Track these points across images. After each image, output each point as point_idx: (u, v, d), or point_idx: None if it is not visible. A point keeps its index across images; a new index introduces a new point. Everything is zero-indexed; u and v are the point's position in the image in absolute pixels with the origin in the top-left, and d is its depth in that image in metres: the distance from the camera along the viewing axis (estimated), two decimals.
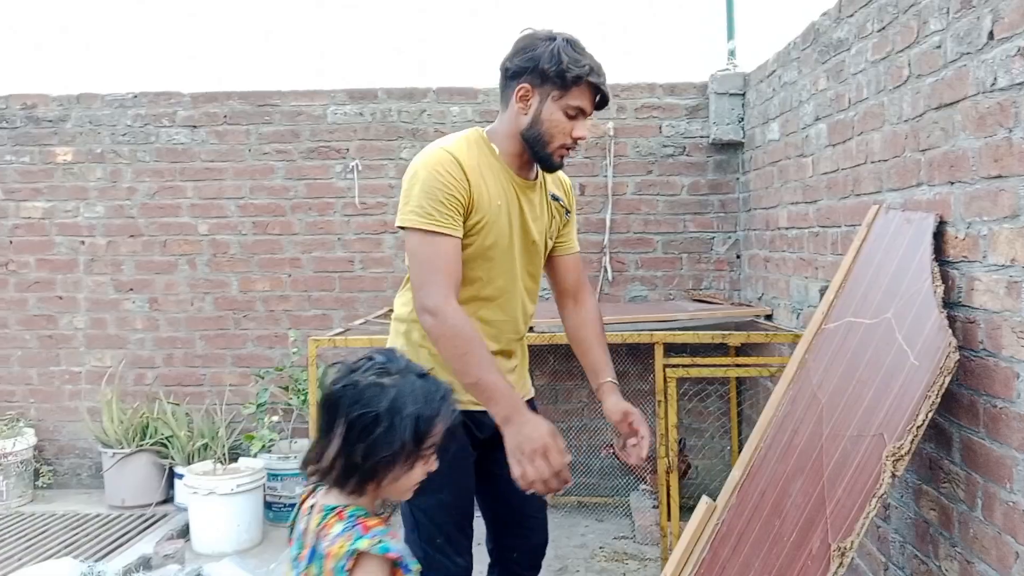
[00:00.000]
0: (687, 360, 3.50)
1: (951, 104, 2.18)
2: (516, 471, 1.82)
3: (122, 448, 4.42)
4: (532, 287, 2.23)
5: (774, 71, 3.78)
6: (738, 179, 4.53)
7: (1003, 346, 1.95)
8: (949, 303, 2.20)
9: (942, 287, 2.14)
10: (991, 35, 1.99)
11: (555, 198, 2.21)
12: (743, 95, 4.34)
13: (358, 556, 1.39)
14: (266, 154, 4.70)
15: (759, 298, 4.15)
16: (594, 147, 4.59)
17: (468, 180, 1.98)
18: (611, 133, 4.55)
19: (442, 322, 1.89)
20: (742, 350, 4.09)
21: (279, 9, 5.30)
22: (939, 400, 2.03)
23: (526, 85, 2.00)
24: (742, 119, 4.36)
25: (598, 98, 2.03)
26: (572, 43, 2.00)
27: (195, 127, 4.70)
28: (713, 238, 4.60)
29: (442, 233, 1.94)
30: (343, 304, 4.70)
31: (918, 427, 2.00)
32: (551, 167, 2.10)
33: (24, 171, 4.76)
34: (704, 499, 2.29)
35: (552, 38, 1.99)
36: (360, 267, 4.69)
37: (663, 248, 4.62)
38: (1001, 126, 1.95)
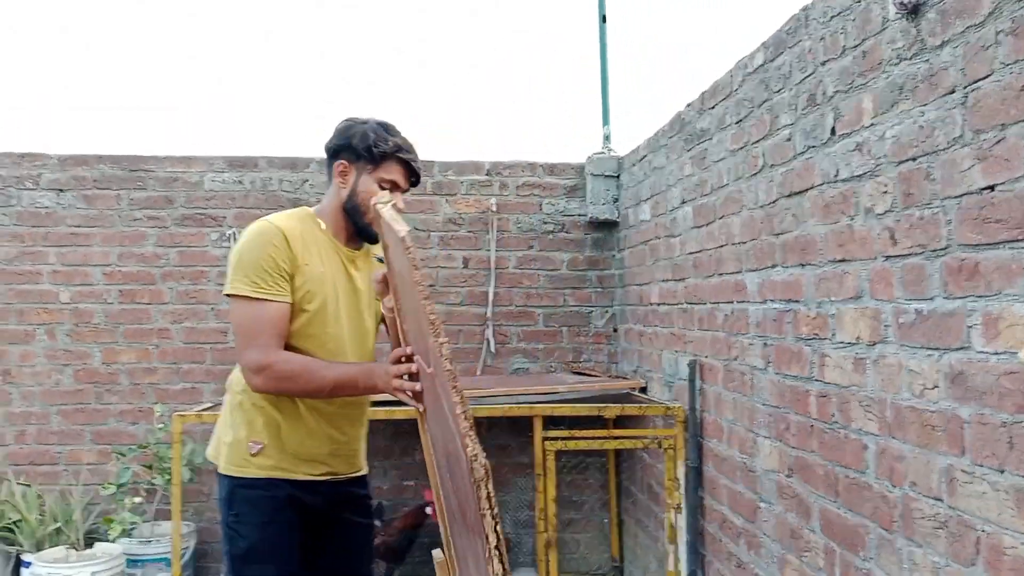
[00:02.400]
0: (565, 433, 3.54)
1: (800, 192, 2.36)
2: (402, 397, 2.02)
3: None
4: (362, 350, 2.29)
5: (645, 156, 3.99)
6: (614, 256, 4.69)
7: (852, 419, 2.08)
8: (804, 378, 2.33)
9: None
10: (833, 131, 2.18)
11: (380, 260, 2.30)
12: (617, 177, 4.54)
13: None
14: (137, 220, 4.53)
15: (635, 371, 4.27)
16: (478, 222, 4.67)
17: (291, 249, 2.12)
18: (494, 209, 4.65)
19: (273, 372, 2.06)
20: (619, 422, 4.17)
21: (158, 69, 5.19)
22: None
23: (344, 161, 2.24)
24: (616, 200, 4.55)
25: (412, 176, 2.28)
26: (384, 125, 2.25)
27: (61, 190, 4.50)
28: (592, 312, 4.73)
29: (267, 300, 2.08)
30: (215, 377, 4.52)
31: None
32: (370, 237, 2.26)
33: None
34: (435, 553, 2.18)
35: (366, 121, 2.25)
36: (234, 338, 4.54)
37: (544, 321, 4.71)
38: (844, 214, 2.12)
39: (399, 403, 3.56)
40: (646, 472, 4.06)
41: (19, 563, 4.09)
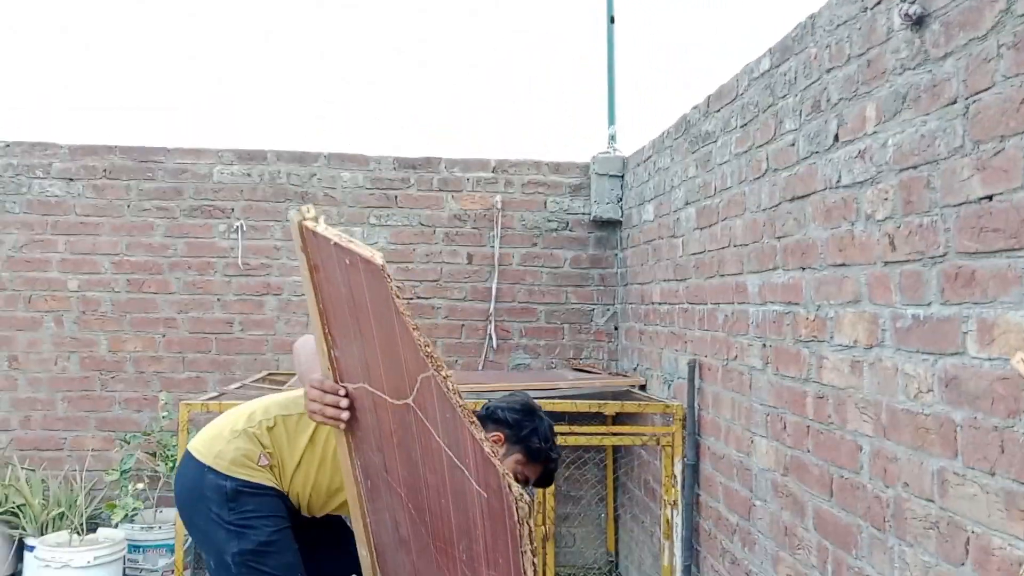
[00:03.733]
0: (565, 428, 3.58)
1: (803, 197, 2.40)
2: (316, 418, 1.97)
3: None
4: None
5: (650, 157, 4.02)
6: (616, 255, 4.74)
7: (848, 420, 2.12)
8: (802, 379, 2.38)
9: None
10: (836, 137, 2.22)
11: None
12: (622, 177, 4.58)
13: None
14: (146, 211, 4.58)
15: (634, 368, 4.31)
16: (482, 218, 4.71)
17: None
18: (499, 206, 4.69)
19: None
20: (618, 419, 4.21)
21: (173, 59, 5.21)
22: None
23: (501, 435, 2.34)
24: (621, 199, 4.59)
25: (544, 485, 2.54)
26: (553, 431, 2.47)
27: (71, 180, 4.54)
28: (593, 310, 4.77)
29: None
30: (219, 367, 4.57)
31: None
32: None
33: None
34: None
35: (543, 418, 2.43)
36: (239, 329, 4.59)
37: (546, 318, 4.75)
38: (845, 219, 2.16)
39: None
40: (643, 469, 4.11)
41: (22, 547, 4.14)
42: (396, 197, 4.69)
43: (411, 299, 4.68)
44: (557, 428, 3.54)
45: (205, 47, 5.14)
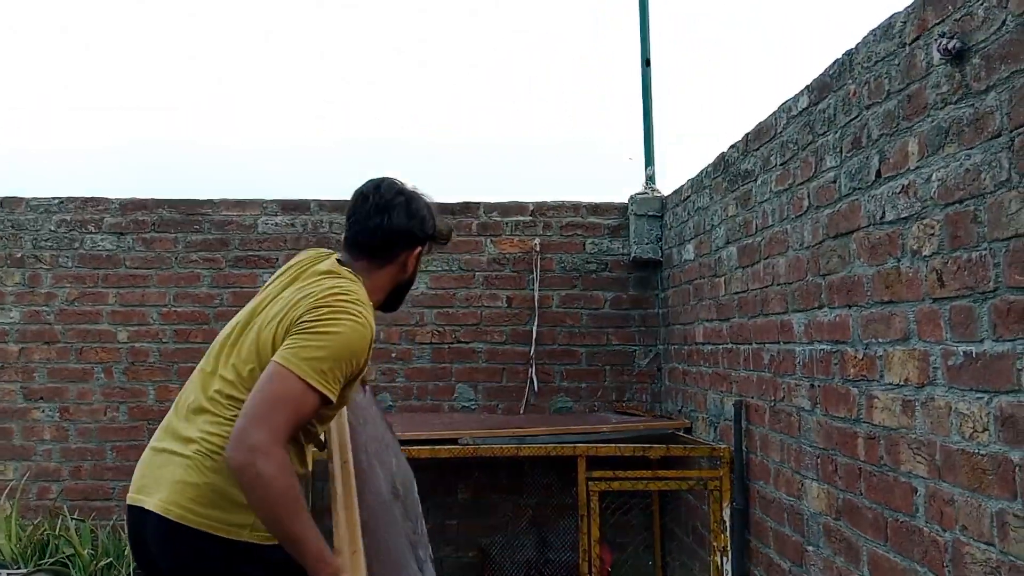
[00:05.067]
0: (609, 473, 3.53)
1: (847, 234, 2.37)
2: None
3: (18, 567, 4.15)
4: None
5: (688, 196, 4.02)
6: (658, 295, 4.71)
7: (901, 461, 2.06)
8: (852, 419, 2.32)
9: None
10: (879, 173, 2.19)
11: None
12: (661, 216, 4.57)
13: None
14: (193, 262, 4.68)
15: (679, 410, 4.26)
16: (521, 262, 4.72)
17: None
18: (537, 249, 4.71)
19: (268, 465, 1.70)
20: (663, 463, 4.15)
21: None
22: None
23: (419, 250, 2.16)
24: (660, 239, 4.58)
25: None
26: (433, 205, 2.23)
27: (122, 234, 4.67)
28: (635, 351, 4.73)
29: (321, 393, 1.83)
30: None
31: None
32: (394, 309, 2.28)
33: None
34: None
35: (419, 198, 2.18)
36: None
37: (587, 360, 4.72)
38: (890, 255, 2.13)
39: (442, 441, 3.58)
40: (691, 514, 4.03)
41: None
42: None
43: (452, 344, 4.69)
44: (600, 473, 3.51)
45: (205, 47, 5.20)
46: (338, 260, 2.10)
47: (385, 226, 2.09)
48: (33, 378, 4.59)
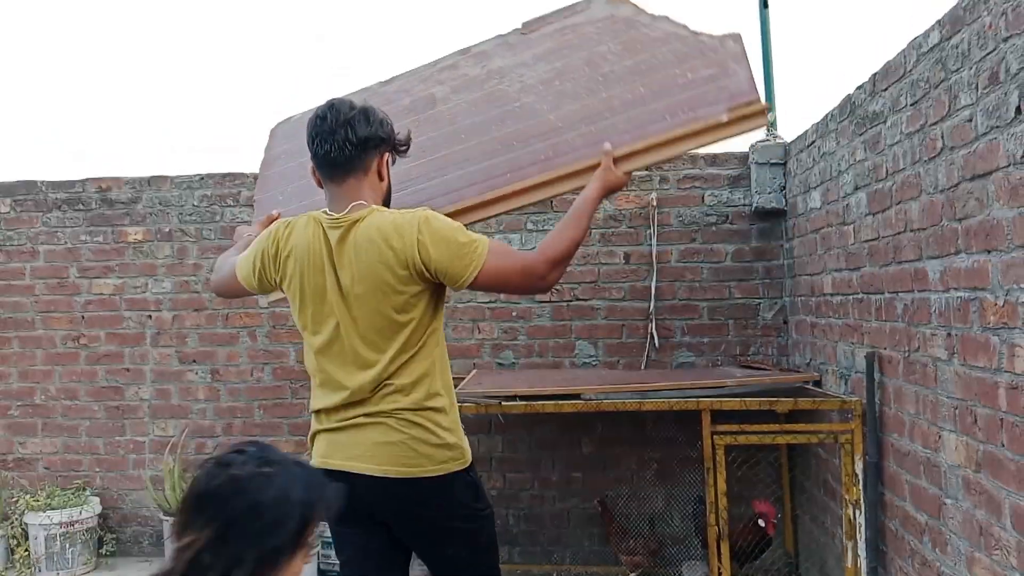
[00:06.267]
0: (735, 427, 3.51)
1: (984, 175, 2.25)
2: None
3: None
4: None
5: (813, 142, 3.88)
6: (782, 246, 4.58)
7: None
8: (992, 369, 2.23)
9: None
10: (1018, 110, 2.06)
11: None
12: (784, 164, 4.43)
13: None
14: None
15: (807, 364, 4.16)
16: (638, 217, 4.70)
17: None
18: (654, 203, 4.66)
19: (554, 273, 2.39)
20: (791, 416, 4.08)
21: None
22: None
23: (388, 155, 2.32)
24: (783, 187, 4.44)
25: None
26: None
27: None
28: (759, 304, 4.64)
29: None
30: None
31: None
32: None
33: (97, 250, 5.03)
34: None
35: (375, 109, 2.30)
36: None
37: (709, 314, 4.67)
38: None
39: (567, 396, 3.64)
40: (821, 467, 3.96)
41: None
42: (552, 202, 4.76)
43: (571, 301, 4.74)
44: (725, 428, 3.49)
45: (203, 44, 5.23)
46: (324, 212, 2.27)
47: (351, 136, 2.19)
48: (186, 343, 4.97)
